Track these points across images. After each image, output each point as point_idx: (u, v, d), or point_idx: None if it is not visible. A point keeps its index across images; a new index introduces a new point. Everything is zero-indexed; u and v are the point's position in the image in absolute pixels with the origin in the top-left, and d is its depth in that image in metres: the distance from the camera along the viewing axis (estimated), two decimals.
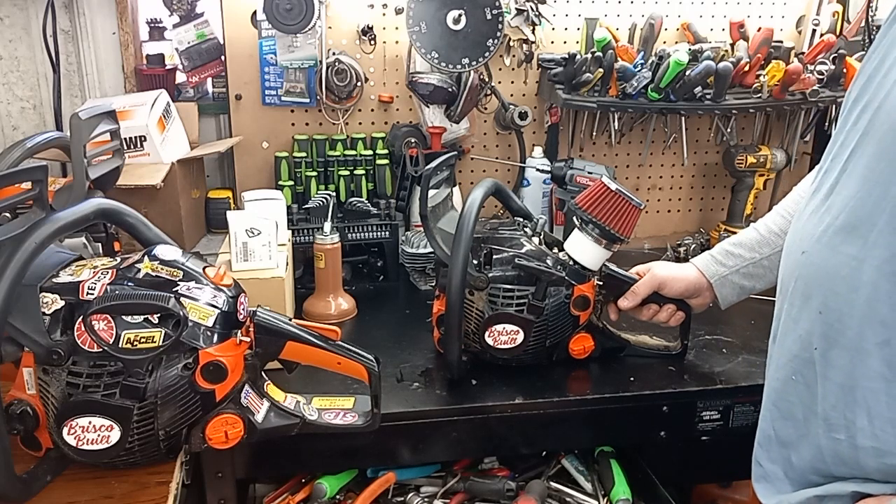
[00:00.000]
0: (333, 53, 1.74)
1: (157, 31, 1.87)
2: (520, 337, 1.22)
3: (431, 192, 1.29)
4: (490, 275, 1.21)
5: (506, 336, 1.22)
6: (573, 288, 1.23)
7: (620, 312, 1.31)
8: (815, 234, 0.83)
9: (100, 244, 1.18)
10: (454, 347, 1.17)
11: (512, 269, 1.22)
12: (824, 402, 0.82)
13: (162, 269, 0.92)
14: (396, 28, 1.78)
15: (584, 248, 1.24)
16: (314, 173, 1.73)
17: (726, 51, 1.83)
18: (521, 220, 1.34)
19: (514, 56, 1.83)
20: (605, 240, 1.22)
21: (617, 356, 1.33)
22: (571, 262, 1.24)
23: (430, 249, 1.60)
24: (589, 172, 1.74)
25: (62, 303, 0.88)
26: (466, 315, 1.22)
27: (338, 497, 1.21)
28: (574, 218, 1.27)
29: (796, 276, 0.86)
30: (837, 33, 1.89)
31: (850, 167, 0.81)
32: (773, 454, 0.93)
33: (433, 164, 1.28)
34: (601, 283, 1.28)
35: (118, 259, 0.96)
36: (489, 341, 1.22)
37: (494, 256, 1.23)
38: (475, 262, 1.22)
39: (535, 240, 1.28)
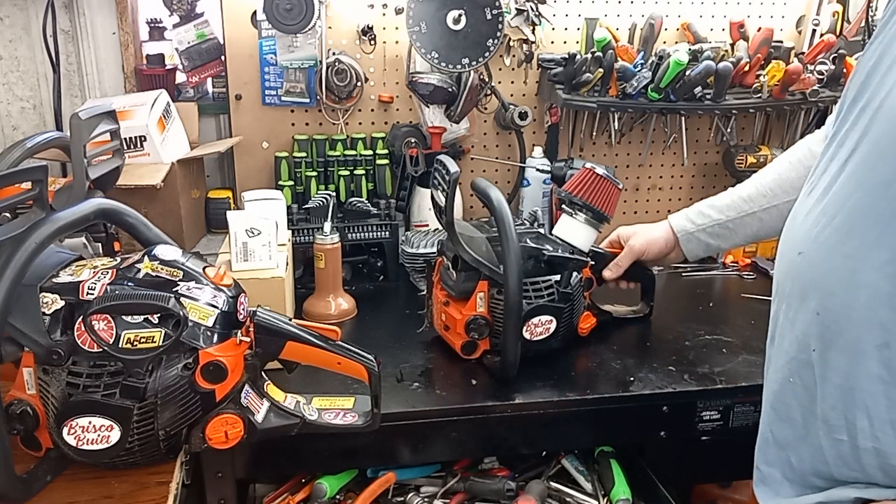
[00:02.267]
0: (333, 53, 1.74)
1: (157, 31, 1.87)
2: (553, 326, 1.26)
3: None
4: None
5: (541, 327, 1.25)
6: (583, 271, 1.32)
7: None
8: (811, 235, 0.83)
9: (100, 244, 1.18)
10: (514, 349, 1.18)
11: (532, 261, 1.26)
12: (824, 404, 0.81)
13: (162, 269, 0.92)
14: (396, 28, 1.78)
15: (577, 232, 1.35)
16: (314, 173, 1.73)
17: (726, 51, 1.83)
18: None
19: (514, 56, 1.83)
20: (596, 220, 1.35)
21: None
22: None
23: (430, 249, 1.60)
24: None
25: (62, 303, 0.88)
26: None
27: (338, 497, 1.21)
28: (563, 205, 1.37)
29: (792, 277, 0.86)
30: (837, 33, 1.89)
31: (849, 167, 0.80)
32: (770, 457, 0.92)
33: (455, 169, 1.21)
34: (593, 262, 1.38)
35: (118, 259, 0.96)
36: (526, 335, 1.24)
37: None
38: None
39: (541, 231, 1.35)
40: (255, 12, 1.71)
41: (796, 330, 0.84)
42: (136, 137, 1.62)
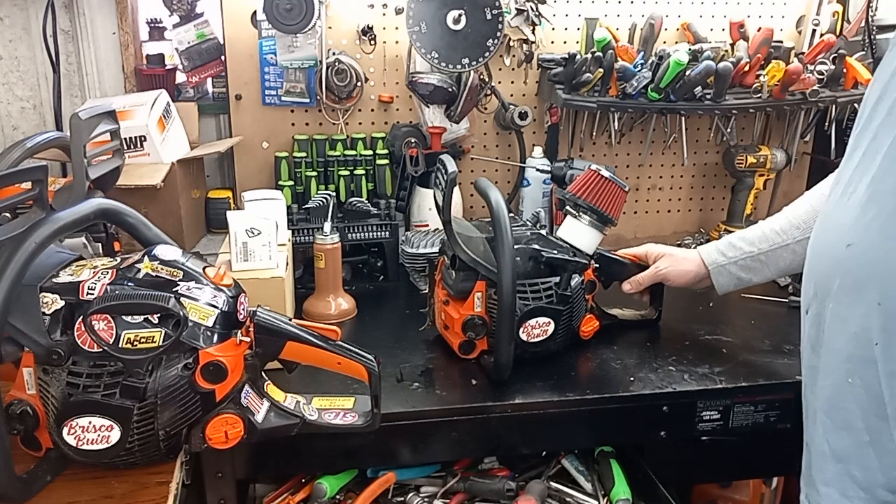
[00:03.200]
0: (333, 53, 1.74)
1: (157, 31, 1.87)
2: (551, 328, 1.25)
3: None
4: None
5: (539, 329, 1.24)
6: (584, 273, 1.31)
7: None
8: (861, 225, 0.80)
9: (100, 244, 1.18)
10: (507, 350, 1.18)
11: (532, 263, 1.25)
12: (894, 401, 0.77)
13: (162, 269, 0.92)
14: (396, 28, 1.78)
15: (581, 234, 1.34)
16: (314, 173, 1.73)
17: (726, 51, 1.83)
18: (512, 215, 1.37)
19: (514, 56, 1.83)
20: (601, 223, 1.33)
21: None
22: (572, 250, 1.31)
23: (430, 249, 1.61)
24: None
25: (62, 303, 0.88)
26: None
27: (338, 497, 1.21)
28: (567, 206, 1.36)
29: (840, 272, 0.82)
30: (837, 33, 1.89)
31: (894, 154, 0.78)
32: (827, 474, 0.86)
33: (453, 169, 1.23)
34: (598, 265, 1.37)
35: (118, 259, 0.96)
36: (523, 337, 1.24)
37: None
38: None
39: (543, 232, 1.35)
40: (255, 12, 1.71)
41: (852, 326, 0.80)
42: (136, 137, 1.62)
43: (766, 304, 1.60)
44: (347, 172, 1.73)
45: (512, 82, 1.88)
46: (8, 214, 1.04)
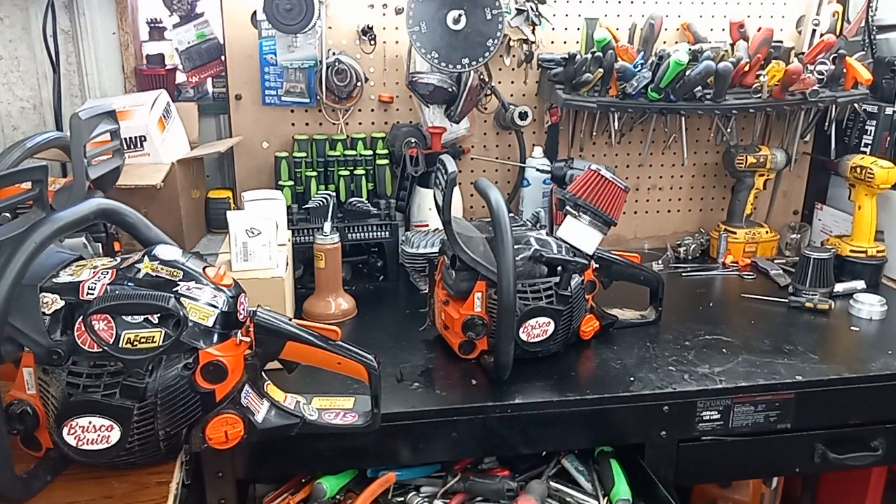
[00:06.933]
0: (333, 53, 1.74)
1: (157, 31, 1.87)
2: (551, 328, 1.25)
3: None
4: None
5: (539, 329, 1.25)
6: (584, 273, 1.30)
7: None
8: None
9: (100, 244, 1.18)
10: (507, 350, 1.18)
11: (532, 263, 1.25)
12: None
13: (162, 269, 0.92)
14: (396, 28, 1.78)
15: (581, 234, 1.33)
16: (314, 173, 1.73)
17: (726, 51, 1.83)
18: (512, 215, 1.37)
19: (514, 56, 1.83)
20: (601, 223, 1.33)
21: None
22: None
23: (430, 249, 1.60)
24: None
25: (62, 303, 0.88)
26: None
27: (338, 497, 1.21)
28: (567, 206, 1.36)
29: None
30: (837, 33, 1.88)
31: None
32: None
33: (452, 169, 1.24)
34: (598, 265, 1.37)
35: (118, 259, 0.96)
36: (523, 337, 1.24)
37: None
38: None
39: (543, 232, 1.35)
40: (255, 12, 1.71)
41: None
42: (136, 137, 1.62)
43: (766, 304, 1.60)
44: (347, 172, 1.73)
45: (512, 82, 1.88)
46: (8, 214, 1.04)
